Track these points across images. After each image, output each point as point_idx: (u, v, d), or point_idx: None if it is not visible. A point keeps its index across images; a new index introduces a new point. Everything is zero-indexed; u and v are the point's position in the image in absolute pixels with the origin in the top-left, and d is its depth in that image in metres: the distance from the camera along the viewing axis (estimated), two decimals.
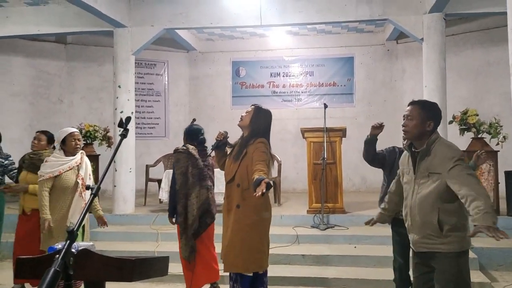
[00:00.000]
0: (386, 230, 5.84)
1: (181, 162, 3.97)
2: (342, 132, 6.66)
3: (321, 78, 9.69)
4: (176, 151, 4.07)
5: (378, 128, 3.76)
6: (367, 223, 3.20)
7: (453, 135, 6.44)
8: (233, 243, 3.28)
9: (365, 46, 9.55)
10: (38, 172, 3.91)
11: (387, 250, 5.33)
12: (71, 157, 3.94)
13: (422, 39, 6.67)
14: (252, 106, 3.54)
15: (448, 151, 2.60)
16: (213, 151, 3.68)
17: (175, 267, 4.42)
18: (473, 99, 8.07)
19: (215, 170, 4.47)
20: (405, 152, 2.90)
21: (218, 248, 3.93)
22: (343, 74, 9.60)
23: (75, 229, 1.62)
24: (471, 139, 6.35)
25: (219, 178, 5.70)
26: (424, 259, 2.71)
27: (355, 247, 5.65)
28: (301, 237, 5.87)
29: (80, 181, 3.91)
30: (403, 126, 2.75)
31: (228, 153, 3.61)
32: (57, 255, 1.54)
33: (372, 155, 3.82)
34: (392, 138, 9.13)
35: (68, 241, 1.58)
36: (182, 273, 4.33)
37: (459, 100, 7.84)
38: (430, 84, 6.58)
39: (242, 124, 3.49)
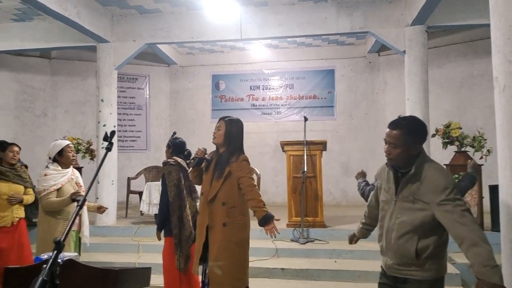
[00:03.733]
0: (366, 245, 5.87)
1: (173, 175, 3.94)
2: (323, 145, 6.64)
3: (301, 90, 9.72)
4: (167, 163, 4.01)
5: (360, 174, 3.80)
6: (350, 242, 3.06)
7: (436, 149, 6.46)
8: (220, 261, 3.26)
9: (346, 59, 9.61)
10: (39, 186, 3.89)
11: (368, 265, 5.35)
12: (67, 170, 3.99)
13: (404, 51, 6.72)
14: (221, 121, 3.46)
15: (440, 179, 2.36)
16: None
17: (156, 279, 4.36)
18: (456, 112, 8.12)
19: None
20: (384, 166, 2.66)
21: None
22: (323, 87, 9.63)
23: (62, 240, 1.66)
24: (454, 153, 6.28)
25: None
26: (395, 282, 2.56)
27: (335, 261, 5.61)
28: (281, 251, 5.84)
29: (82, 192, 3.93)
30: (386, 152, 2.49)
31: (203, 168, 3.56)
32: (44, 265, 1.57)
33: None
34: (374, 151, 9.32)
35: (55, 251, 1.62)
36: (163, 285, 4.27)
37: (442, 113, 7.91)
38: (412, 96, 6.61)
39: (216, 142, 3.44)
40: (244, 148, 3.52)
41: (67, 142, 4.09)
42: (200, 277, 3.67)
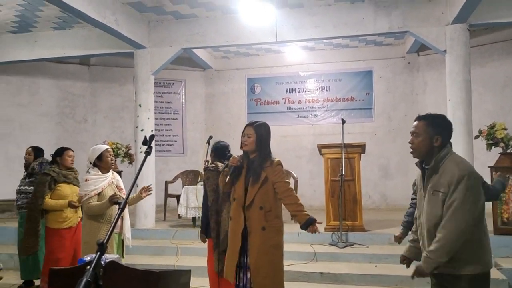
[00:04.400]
0: None
1: (211, 180, 4.00)
2: (361, 148, 6.52)
3: (338, 93, 9.58)
4: (206, 169, 4.10)
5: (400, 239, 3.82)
6: (402, 263, 2.91)
7: (479, 151, 6.23)
8: (260, 264, 3.30)
9: (384, 59, 9.42)
10: (81, 191, 4.02)
11: (411, 270, 5.14)
12: (107, 174, 4.05)
13: (445, 51, 6.51)
14: (248, 127, 3.44)
15: (455, 169, 2.42)
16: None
17: (195, 281, 4.38)
18: (500, 112, 7.81)
19: None
20: (419, 171, 2.75)
21: None
22: (361, 89, 9.47)
23: (104, 241, 1.69)
24: (499, 155, 5.99)
25: None
26: (441, 281, 2.54)
27: (375, 266, 5.49)
28: (319, 255, 5.76)
29: (122, 195, 4.00)
30: (410, 143, 2.62)
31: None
32: (88, 266, 1.61)
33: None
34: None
35: (98, 253, 1.65)
36: (202, 287, 4.30)
37: (485, 114, 7.62)
38: (453, 97, 6.39)
39: (247, 149, 3.43)
40: (279, 151, 3.57)
41: (106, 146, 4.15)
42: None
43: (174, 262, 5.80)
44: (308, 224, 3.34)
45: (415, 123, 2.62)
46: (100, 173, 4.00)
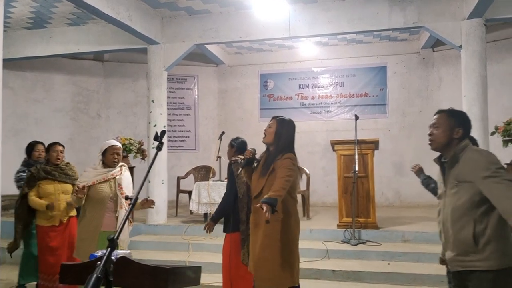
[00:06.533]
0: (422, 247, 5.67)
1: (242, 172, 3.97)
2: (375, 144, 6.45)
3: (351, 88, 9.51)
4: (236, 162, 4.06)
5: (418, 171, 3.59)
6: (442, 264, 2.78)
7: (495, 148, 6.11)
8: (264, 259, 3.24)
9: (398, 55, 9.31)
10: (76, 182, 3.98)
11: (424, 268, 5.16)
12: (108, 169, 3.92)
13: (460, 46, 6.41)
14: (273, 120, 3.46)
15: (480, 157, 2.38)
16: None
17: (206, 277, 4.39)
18: None
19: None
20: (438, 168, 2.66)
21: None
22: (375, 84, 9.38)
23: (115, 237, 1.70)
24: None
25: None
26: (460, 280, 2.45)
27: (388, 263, 5.43)
28: (331, 252, 5.73)
29: (120, 194, 3.87)
30: (428, 135, 2.56)
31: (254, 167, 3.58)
32: (99, 262, 1.61)
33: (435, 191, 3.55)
34: (429, 151, 8.91)
35: (109, 249, 1.66)
36: (213, 283, 4.30)
37: (502, 110, 7.48)
38: (469, 93, 6.29)
39: (266, 141, 3.43)
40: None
41: (113, 143, 4.02)
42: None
43: (186, 258, 5.81)
44: (269, 203, 2.91)
45: (436, 116, 2.58)
46: (99, 167, 3.93)
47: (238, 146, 4.26)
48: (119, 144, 4.06)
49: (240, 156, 4.06)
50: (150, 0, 6.84)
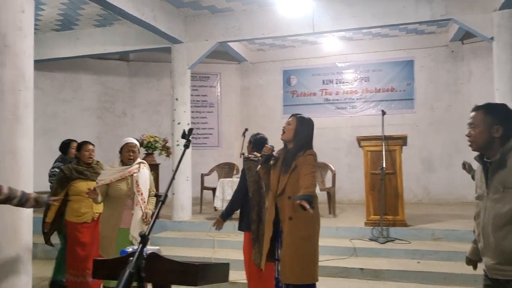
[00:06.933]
0: (453, 246, 5.53)
1: (253, 170, 3.97)
2: (403, 140, 6.30)
3: (377, 83, 9.35)
4: (248, 159, 4.09)
5: (469, 170, 3.49)
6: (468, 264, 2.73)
7: None
8: (288, 255, 3.27)
9: (426, 48, 9.10)
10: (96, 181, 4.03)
11: (456, 267, 5.01)
12: (125, 167, 3.96)
13: (492, 38, 6.20)
14: (292, 117, 3.48)
15: None
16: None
17: (232, 274, 4.37)
18: None
19: None
20: (478, 165, 2.48)
21: None
22: (402, 79, 9.20)
23: (147, 234, 1.71)
24: None
25: None
26: (498, 285, 2.32)
27: (418, 262, 5.30)
28: (359, 250, 5.63)
29: (136, 192, 3.91)
30: (467, 136, 2.39)
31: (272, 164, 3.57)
32: (131, 258, 1.62)
33: None
34: (458, 146, 8.73)
35: (141, 245, 1.67)
36: (239, 281, 4.30)
37: None
38: (502, 86, 6.08)
39: (285, 138, 3.44)
40: (317, 144, 3.50)
41: (129, 140, 4.05)
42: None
43: (211, 255, 5.82)
44: (307, 199, 2.98)
45: (472, 114, 2.39)
46: (117, 165, 3.97)
47: (255, 142, 4.22)
48: (135, 141, 4.09)
49: (255, 153, 4.06)
50: (174, 0, 6.87)
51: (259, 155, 4.02)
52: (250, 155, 4.10)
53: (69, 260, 4.50)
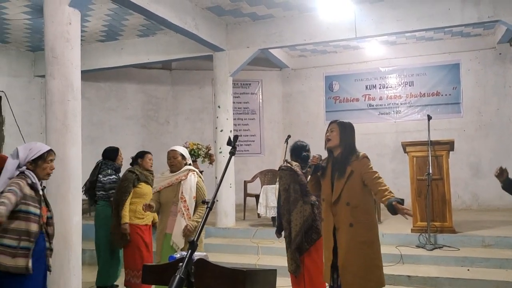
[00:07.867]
0: (505, 253, 5.31)
1: (283, 179, 4.01)
2: (449, 145, 6.14)
3: (422, 88, 9.13)
4: (280, 168, 4.13)
5: (500, 175, 3.38)
6: None
7: None
8: (349, 262, 3.23)
9: (472, 51, 8.83)
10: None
11: (508, 275, 4.82)
12: (172, 174, 4.07)
13: None
14: (333, 124, 3.47)
15: None
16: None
17: (278, 281, 4.37)
18: None
19: None
20: None
21: None
22: (447, 83, 8.95)
23: (195, 239, 1.72)
24: None
25: None
26: None
27: (468, 269, 5.15)
28: (406, 257, 5.52)
29: (179, 199, 3.98)
30: None
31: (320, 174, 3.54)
32: (181, 263, 1.64)
33: None
34: (508, 151, 8.40)
35: (190, 251, 1.68)
36: (284, 287, 4.28)
37: None
38: None
39: (332, 144, 3.42)
40: (360, 149, 3.48)
41: (170, 149, 4.20)
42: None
43: (256, 261, 5.84)
44: (392, 205, 3.06)
45: None
46: (167, 173, 4.13)
47: (292, 149, 4.24)
48: (176, 148, 4.19)
49: (290, 162, 4.07)
50: (215, 8, 6.98)
51: (294, 164, 4.05)
52: (281, 165, 4.14)
53: (131, 261, 4.73)
